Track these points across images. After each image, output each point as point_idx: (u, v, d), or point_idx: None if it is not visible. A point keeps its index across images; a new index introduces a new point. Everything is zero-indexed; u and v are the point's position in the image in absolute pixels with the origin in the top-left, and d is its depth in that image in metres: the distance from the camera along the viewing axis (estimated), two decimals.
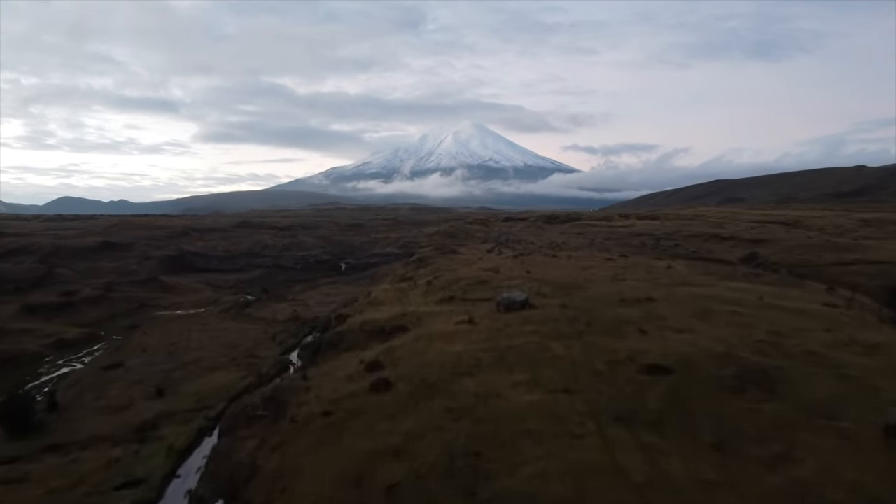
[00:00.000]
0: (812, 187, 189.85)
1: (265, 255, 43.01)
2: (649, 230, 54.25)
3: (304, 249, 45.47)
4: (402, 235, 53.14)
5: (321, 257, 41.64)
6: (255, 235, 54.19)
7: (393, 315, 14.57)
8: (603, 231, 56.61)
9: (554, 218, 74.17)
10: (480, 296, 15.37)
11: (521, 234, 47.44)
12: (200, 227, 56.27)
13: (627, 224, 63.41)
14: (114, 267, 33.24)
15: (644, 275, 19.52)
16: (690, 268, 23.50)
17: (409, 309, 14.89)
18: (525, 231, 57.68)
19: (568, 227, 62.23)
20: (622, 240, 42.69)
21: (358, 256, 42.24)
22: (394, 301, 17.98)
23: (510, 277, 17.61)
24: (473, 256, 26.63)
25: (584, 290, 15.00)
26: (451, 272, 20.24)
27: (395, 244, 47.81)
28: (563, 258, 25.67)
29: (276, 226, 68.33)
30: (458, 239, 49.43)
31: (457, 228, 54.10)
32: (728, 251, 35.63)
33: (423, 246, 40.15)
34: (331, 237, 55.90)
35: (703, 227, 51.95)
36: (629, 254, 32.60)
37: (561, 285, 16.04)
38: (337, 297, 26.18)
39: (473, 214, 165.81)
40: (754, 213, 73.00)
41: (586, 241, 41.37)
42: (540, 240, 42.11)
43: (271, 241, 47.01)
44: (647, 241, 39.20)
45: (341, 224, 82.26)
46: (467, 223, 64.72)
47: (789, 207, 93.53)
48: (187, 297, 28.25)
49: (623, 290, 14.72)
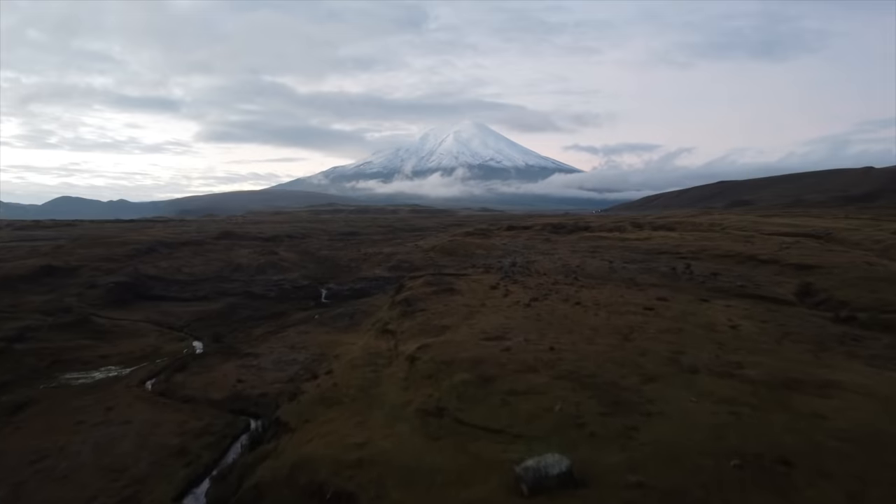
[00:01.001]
0: (820, 189, 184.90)
1: (236, 279, 37.59)
2: (670, 246, 48.77)
3: (282, 271, 40.05)
4: (395, 251, 47.77)
5: (299, 282, 36.25)
6: (232, 250, 48.77)
7: (345, 448, 9.16)
8: (618, 247, 51.14)
9: (560, 227, 68.75)
10: (485, 414, 9.95)
11: (528, 254, 42.00)
12: (173, 240, 50.85)
13: (643, 237, 57.91)
14: (43, 301, 27.81)
15: (712, 347, 14.07)
16: (758, 324, 18.04)
17: (373, 437, 9.45)
18: (531, 245, 52.24)
19: (577, 241, 56.81)
20: (645, 262, 37.21)
21: (342, 281, 36.85)
22: (357, 394, 12.57)
23: (525, 366, 12.14)
24: (474, 300, 21.17)
25: (652, 410, 9.53)
26: (443, 340, 14.80)
27: (385, 263, 42.40)
28: (588, 303, 20.22)
29: (260, 236, 62.97)
30: (456, 258, 43.99)
31: (456, 244, 48.64)
32: (774, 282, 30.18)
33: (415, 272, 34.73)
34: (316, 252, 50.48)
35: (731, 244, 46.44)
36: (663, 288, 27.16)
37: (609, 386, 10.60)
38: (301, 352, 20.80)
39: (474, 218, 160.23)
40: (777, 222, 67.52)
41: (605, 263, 35.92)
42: (551, 262, 36.66)
43: (246, 261, 41.57)
44: (676, 266, 33.75)
45: (333, 233, 76.96)
46: (467, 235, 59.32)
47: (811, 215, 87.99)
48: (121, 346, 22.85)
49: (718, 413, 9.24)
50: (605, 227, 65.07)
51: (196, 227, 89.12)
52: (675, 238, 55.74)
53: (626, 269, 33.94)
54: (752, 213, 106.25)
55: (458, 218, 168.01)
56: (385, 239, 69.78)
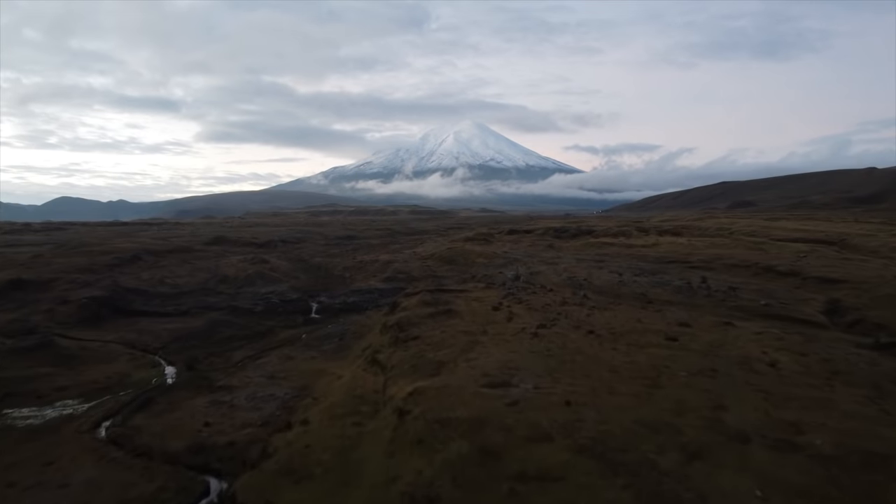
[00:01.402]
0: (823, 190, 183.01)
1: (222, 291, 35.43)
2: (680, 254, 46.60)
3: (272, 282, 37.89)
4: (392, 258, 45.65)
5: (289, 295, 34.10)
6: (222, 258, 46.58)
7: None
8: (624, 255, 48.96)
9: (563, 231, 66.62)
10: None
11: (531, 263, 39.82)
12: (160, 247, 48.65)
13: (650, 243, 55.71)
14: (6, 321, 25.63)
15: (757, 398, 11.91)
16: (797, 358, 15.87)
17: None
18: (534, 252, 50.04)
19: (582, 247, 54.63)
20: (656, 274, 35.02)
21: (335, 293, 34.75)
22: (332, 462, 10.31)
23: (537, 431, 9.97)
24: (475, 324, 19.05)
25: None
26: (439, 385, 12.65)
27: (381, 274, 40.26)
28: (602, 331, 18.06)
29: (254, 241, 60.74)
30: (456, 267, 41.82)
31: (455, 252, 46.50)
32: (798, 298, 27.99)
33: (412, 283, 32.56)
34: (310, 259, 48.30)
35: (745, 253, 44.26)
36: (679, 307, 24.98)
37: (645, 467, 8.45)
38: (281, 385, 18.71)
39: (474, 220, 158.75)
40: (786, 227, 65.34)
41: (614, 276, 33.73)
42: (556, 274, 34.48)
43: (234, 271, 39.38)
44: (690, 280, 31.57)
45: (329, 238, 74.85)
46: (467, 241, 57.18)
47: (818, 218, 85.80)
48: (85, 374, 20.68)
49: None
50: (609, 232, 62.79)
51: (190, 231, 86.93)
52: (683, 245, 53.53)
53: (637, 283, 31.75)
54: (757, 215, 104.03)
55: (458, 220, 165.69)
56: (383, 244, 67.60)
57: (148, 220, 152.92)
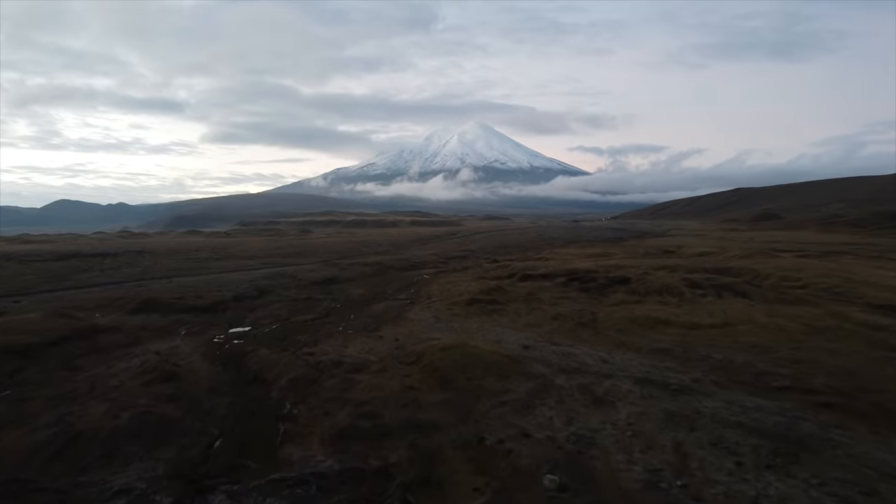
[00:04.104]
0: (847, 198, 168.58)
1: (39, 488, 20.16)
2: (770, 341, 34.58)
3: (142, 454, 17.68)
4: (364, 361, 32.64)
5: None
6: (116, 363, 33.08)
7: None
8: (693, 348, 37.06)
9: (589, 282, 53.91)
10: None
11: (570, 385, 28.28)
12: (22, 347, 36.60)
13: (715, 315, 43.61)
14: None
15: None
16: None
17: None
18: (564, 343, 38.22)
19: (626, 325, 42.64)
20: (769, 415, 23.45)
21: (244, 488, 12.31)
22: None
23: None
24: None
25: None
26: None
27: (337, 414, 24.52)
28: None
29: (196, 305, 46.12)
30: (453, 395, 30.17)
31: (454, 353, 34.35)
32: None
33: (378, 450, 21.03)
34: (251, 352, 34.47)
35: (861, 347, 32.52)
36: None
37: None
38: None
39: (481, 234, 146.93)
40: (868, 276, 53.25)
41: (725, 455, 22.26)
42: (618, 433, 22.97)
43: (98, 417, 23.42)
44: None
45: (303, 282, 62.50)
46: (472, 302, 45.20)
47: (879, 247, 73.76)
48: None
49: None
50: (651, 286, 50.12)
51: (140, 271, 75.36)
52: (767, 327, 41.54)
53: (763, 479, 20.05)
54: (793, 237, 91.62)
55: (463, 236, 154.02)
56: (364, 299, 55.31)
57: (119, 231, 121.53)
